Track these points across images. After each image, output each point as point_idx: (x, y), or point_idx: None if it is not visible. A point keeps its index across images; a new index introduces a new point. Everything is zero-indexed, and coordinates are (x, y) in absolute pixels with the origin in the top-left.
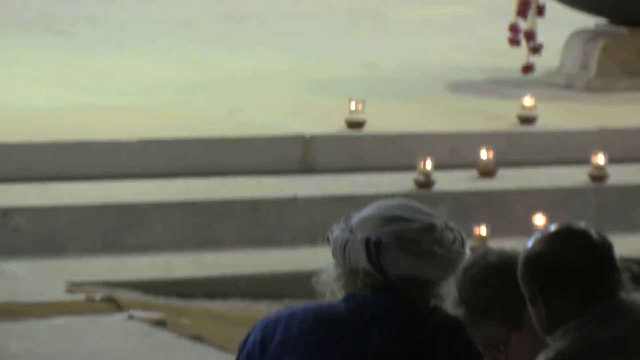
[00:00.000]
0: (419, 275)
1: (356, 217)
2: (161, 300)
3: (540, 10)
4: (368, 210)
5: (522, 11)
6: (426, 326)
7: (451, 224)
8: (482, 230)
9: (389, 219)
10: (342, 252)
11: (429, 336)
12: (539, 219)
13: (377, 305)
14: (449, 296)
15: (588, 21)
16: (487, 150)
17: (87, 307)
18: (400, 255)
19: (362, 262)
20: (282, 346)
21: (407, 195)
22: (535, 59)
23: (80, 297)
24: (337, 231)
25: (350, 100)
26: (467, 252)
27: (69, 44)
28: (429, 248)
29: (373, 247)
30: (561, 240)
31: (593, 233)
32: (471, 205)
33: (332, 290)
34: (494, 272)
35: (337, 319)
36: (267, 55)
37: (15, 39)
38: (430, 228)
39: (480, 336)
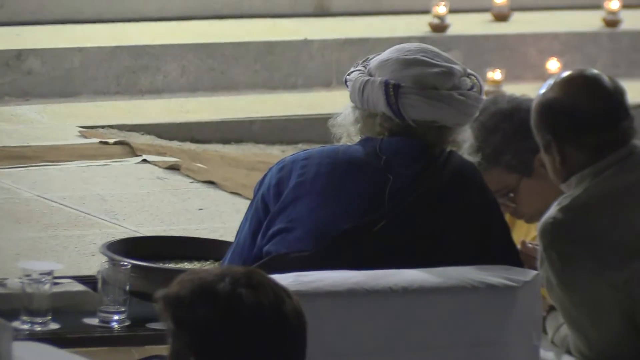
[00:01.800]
0: (436, 120)
1: (375, 60)
2: (175, 144)
3: None
4: (387, 54)
5: None
6: (442, 171)
7: (469, 70)
8: (496, 75)
9: (408, 63)
10: (360, 94)
11: (445, 180)
12: (553, 64)
13: (393, 149)
14: (465, 143)
15: None
16: None
17: (101, 151)
18: (418, 99)
19: (381, 105)
20: (298, 188)
21: (422, 39)
22: None
23: (94, 140)
24: (355, 73)
25: None
26: (482, 97)
27: None
28: (447, 93)
29: (392, 90)
30: (575, 86)
31: (606, 79)
32: (485, 49)
33: (348, 133)
34: (504, 118)
35: (354, 162)
36: None
37: None
38: (449, 73)
39: (490, 182)
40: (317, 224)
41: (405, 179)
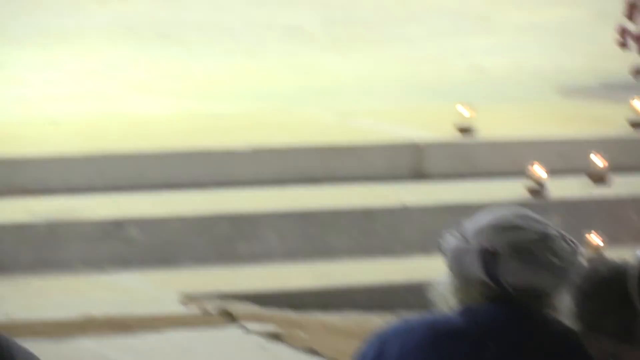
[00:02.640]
0: (535, 285)
1: (470, 226)
2: (275, 312)
3: None
4: (482, 219)
5: (630, 14)
6: (542, 338)
7: (566, 233)
8: (595, 239)
9: (504, 228)
10: (457, 262)
11: (546, 348)
12: None
13: (492, 317)
14: (564, 308)
15: None
16: (598, 156)
17: (202, 320)
18: (516, 266)
19: (478, 272)
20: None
21: (519, 203)
22: None
23: (194, 309)
24: (451, 240)
25: (459, 105)
26: (582, 262)
27: (179, 50)
28: (544, 258)
29: (489, 257)
30: None
31: None
32: (584, 213)
33: (447, 301)
34: (604, 284)
35: (454, 332)
36: (377, 60)
37: (125, 45)
38: (545, 238)
39: (592, 349)
40: None
41: (506, 347)
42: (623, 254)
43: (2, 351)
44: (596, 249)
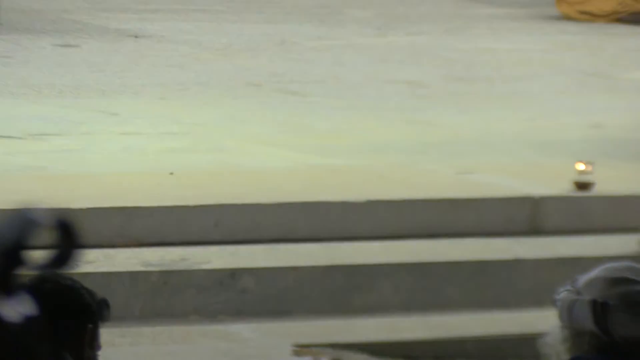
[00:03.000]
0: None
1: (582, 279)
2: None
3: None
4: (595, 272)
5: None
6: None
7: None
8: None
9: (615, 281)
10: (568, 313)
11: None
12: None
13: None
14: None
15: None
16: None
17: None
18: (626, 317)
19: (589, 323)
20: None
21: (635, 258)
22: None
23: (308, 359)
24: (563, 293)
25: (578, 162)
26: None
27: (300, 105)
28: None
29: (599, 309)
30: None
31: None
32: None
33: (557, 352)
34: None
35: None
36: (497, 116)
37: (246, 99)
38: None
39: None
40: None
41: None
42: None
43: None
44: None
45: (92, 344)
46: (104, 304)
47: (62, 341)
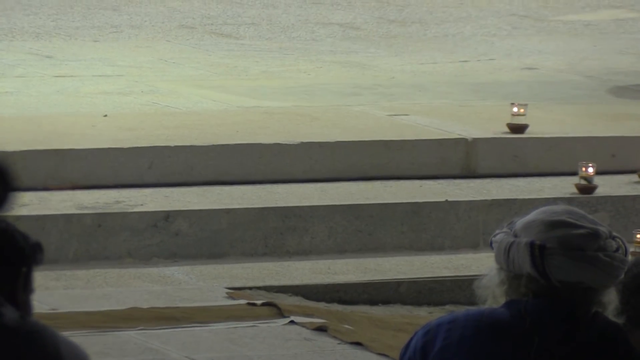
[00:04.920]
0: (582, 281)
1: (520, 222)
2: (322, 306)
3: None
4: (532, 215)
5: None
6: (587, 333)
7: (614, 232)
8: None
9: (553, 224)
10: (505, 255)
11: (591, 343)
12: None
13: (538, 311)
14: (610, 304)
15: None
16: None
17: (248, 313)
18: (564, 261)
19: (526, 266)
20: (443, 352)
21: (569, 200)
22: None
23: (241, 302)
24: (500, 235)
25: (511, 104)
26: (628, 259)
27: (232, 47)
28: (593, 254)
29: (537, 252)
30: None
31: None
32: (632, 210)
33: (493, 295)
34: None
35: (499, 325)
36: (430, 58)
37: (179, 41)
38: (595, 235)
39: (636, 343)
40: None
41: (551, 341)
42: None
43: (47, 343)
44: None
45: (26, 287)
46: (37, 247)
47: None
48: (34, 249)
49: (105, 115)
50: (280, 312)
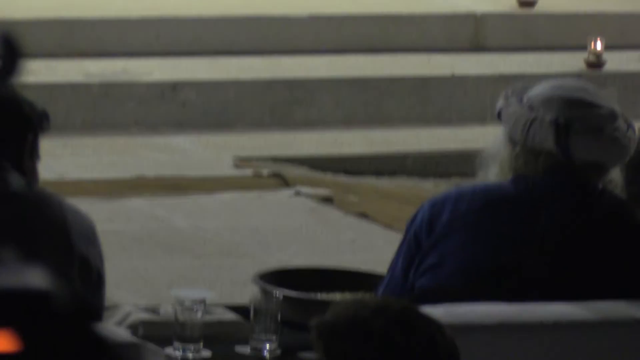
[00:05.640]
0: (598, 160)
1: (535, 95)
2: (328, 177)
3: None
4: (548, 90)
5: None
6: (596, 207)
7: (622, 112)
8: None
9: (573, 102)
10: (525, 131)
11: (599, 217)
12: None
13: (548, 187)
14: (616, 182)
15: None
16: None
17: (254, 183)
18: (587, 140)
19: (549, 143)
20: (450, 225)
21: (577, 75)
22: None
23: (248, 172)
24: (512, 107)
25: None
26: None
27: None
28: (612, 134)
29: (563, 130)
30: None
31: None
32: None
33: (502, 168)
34: None
35: (506, 199)
36: None
37: None
38: (613, 115)
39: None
40: (467, 261)
41: (560, 216)
42: None
43: (54, 210)
44: None
45: (32, 154)
46: (44, 115)
47: (2, 150)
48: (40, 117)
49: None
50: (286, 183)
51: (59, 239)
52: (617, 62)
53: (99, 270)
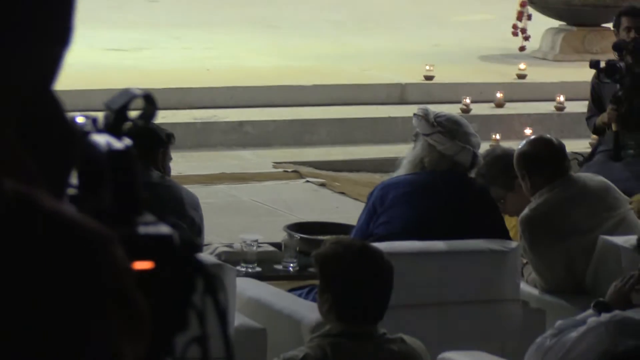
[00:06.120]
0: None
1: (441, 119)
2: (323, 172)
3: (529, 17)
4: (446, 116)
5: (519, 16)
6: (470, 186)
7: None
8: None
9: (464, 127)
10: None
11: (472, 191)
12: (528, 131)
13: (445, 176)
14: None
15: (555, 22)
16: None
17: (284, 176)
18: (465, 152)
19: (447, 150)
20: (394, 200)
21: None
22: None
23: (280, 170)
24: (426, 126)
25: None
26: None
27: (283, 33)
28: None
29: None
30: (538, 142)
31: (554, 138)
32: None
33: (414, 165)
34: (498, 159)
35: (424, 184)
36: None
37: (244, 27)
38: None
39: (492, 194)
40: (404, 220)
41: (453, 190)
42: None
43: (175, 190)
44: (495, 141)
45: (164, 159)
46: (170, 136)
47: (147, 158)
48: (168, 137)
49: (208, 70)
50: (301, 176)
51: (179, 207)
52: (479, 109)
53: (199, 225)
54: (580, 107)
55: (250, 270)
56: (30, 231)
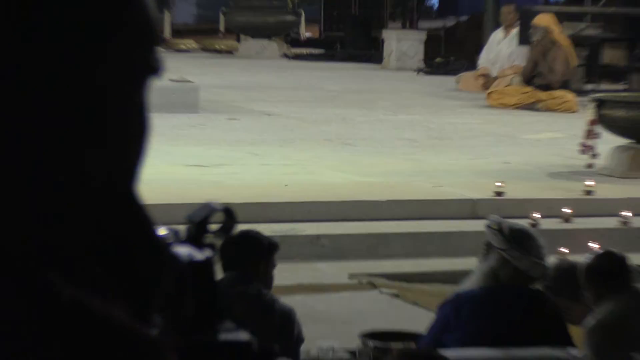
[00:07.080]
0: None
1: (514, 235)
2: (397, 283)
3: (597, 135)
4: (520, 231)
5: (588, 135)
6: (537, 301)
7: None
8: (564, 250)
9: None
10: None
11: (537, 306)
12: (594, 245)
13: (514, 291)
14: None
15: (621, 140)
16: None
17: (359, 286)
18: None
19: (524, 265)
20: (467, 318)
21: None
22: None
23: (355, 281)
24: (499, 241)
25: (497, 181)
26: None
27: (352, 150)
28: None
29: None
30: (603, 256)
31: (617, 252)
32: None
33: (485, 278)
34: (565, 272)
35: (493, 298)
36: (454, 157)
37: (324, 147)
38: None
39: (558, 305)
40: (480, 335)
41: (520, 303)
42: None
43: (271, 303)
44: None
45: (267, 268)
46: (275, 245)
47: (249, 270)
48: (272, 246)
49: (286, 185)
50: (375, 286)
51: (268, 318)
52: (547, 224)
53: (298, 335)
54: None
55: None
56: (81, 335)
